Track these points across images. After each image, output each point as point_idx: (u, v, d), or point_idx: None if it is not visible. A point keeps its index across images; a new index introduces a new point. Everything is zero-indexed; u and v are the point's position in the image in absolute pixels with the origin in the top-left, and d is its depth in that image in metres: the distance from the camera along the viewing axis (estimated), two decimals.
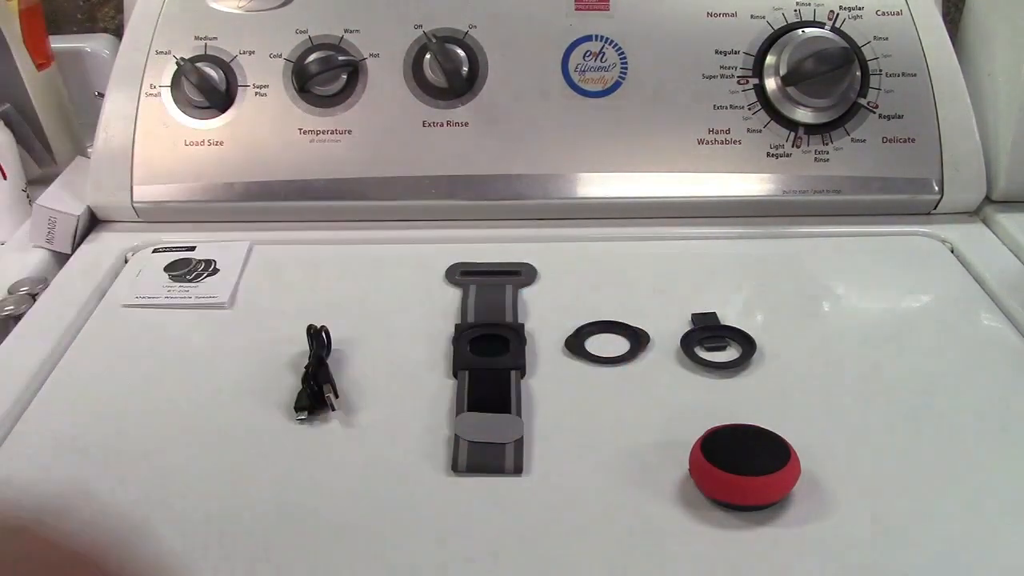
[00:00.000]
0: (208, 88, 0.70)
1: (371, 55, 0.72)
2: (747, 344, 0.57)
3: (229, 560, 0.43)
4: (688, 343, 0.57)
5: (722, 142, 0.71)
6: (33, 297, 0.64)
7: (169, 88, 0.72)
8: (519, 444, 0.49)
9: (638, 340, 0.58)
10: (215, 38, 0.72)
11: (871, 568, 0.43)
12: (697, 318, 0.60)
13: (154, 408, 0.53)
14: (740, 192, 0.72)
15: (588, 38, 0.73)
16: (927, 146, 0.72)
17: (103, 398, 0.54)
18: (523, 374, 0.55)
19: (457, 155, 0.71)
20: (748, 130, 0.71)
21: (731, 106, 0.72)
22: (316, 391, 0.52)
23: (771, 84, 0.72)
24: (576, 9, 0.73)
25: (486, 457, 0.48)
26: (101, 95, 0.73)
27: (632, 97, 0.72)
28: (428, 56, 0.71)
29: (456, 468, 0.48)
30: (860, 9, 0.73)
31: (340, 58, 0.71)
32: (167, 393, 0.55)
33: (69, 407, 0.54)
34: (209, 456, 0.50)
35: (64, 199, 0.71)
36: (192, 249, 0.68)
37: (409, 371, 0.56)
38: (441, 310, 0.62)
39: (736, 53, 0.73)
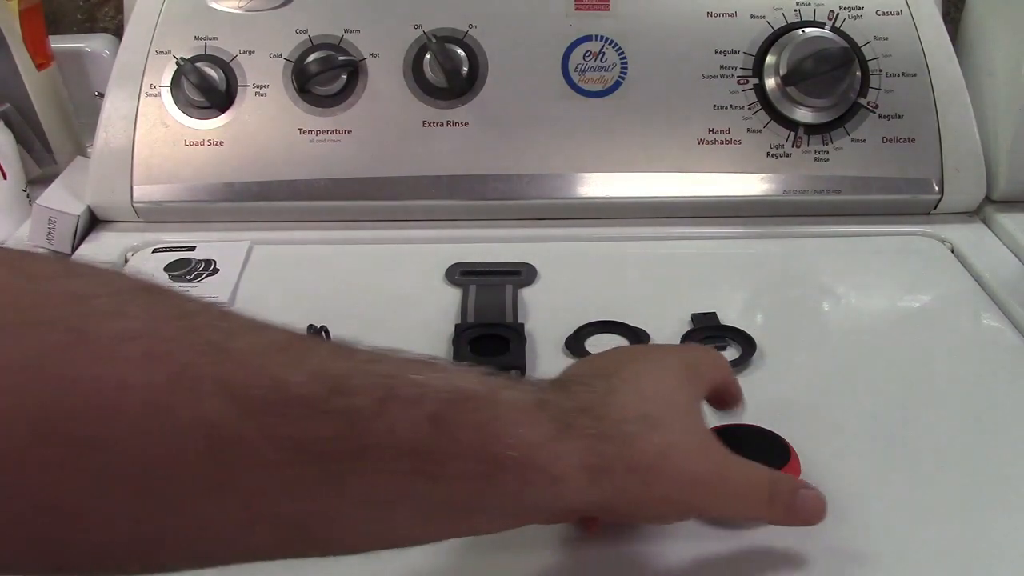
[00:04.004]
0: (208, 88, 0.70)
1: (371, 55, 0.72)
2: (747, 344, 0.57)
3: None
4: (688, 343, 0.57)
5: (722, 142, 0.71)
6: None
7: (169, 88, 0.72)
8: None
9: (638, 340, 0.58)
10: (215, 38, 0.72)
11: (870, 568, 0.43)
12: (697, 318, 0.60)
13: None
14: (740, 192, 0.72)
15: (588, 38, 0.73)
16: (927, 146, 0.72)
17: None
18: (523, 374, 0.55)
19: (457, 155, 0.71)
20: (748, 130, 0.71)
21: (731, 106, 0.72)
22: None
23: (771, 84, 0.72)
24: (576, 9, 0.73)
25: None
26: (101, 95, 0.73)
27: (632, 97, 0.72)
28: (428, 56, 0.71)
29: None
30: (860, 9, 0.73)
31: (340, 58, 0.71)
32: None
33: None
34: None
35: (64, 199, 0.71)
36: (192, 249, 0.68)
37: None
38: (441, 310, 0.62)
39: (736, 53, 0.73)
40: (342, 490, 0.31)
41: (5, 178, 0.74)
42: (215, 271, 0.65)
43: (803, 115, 0.71)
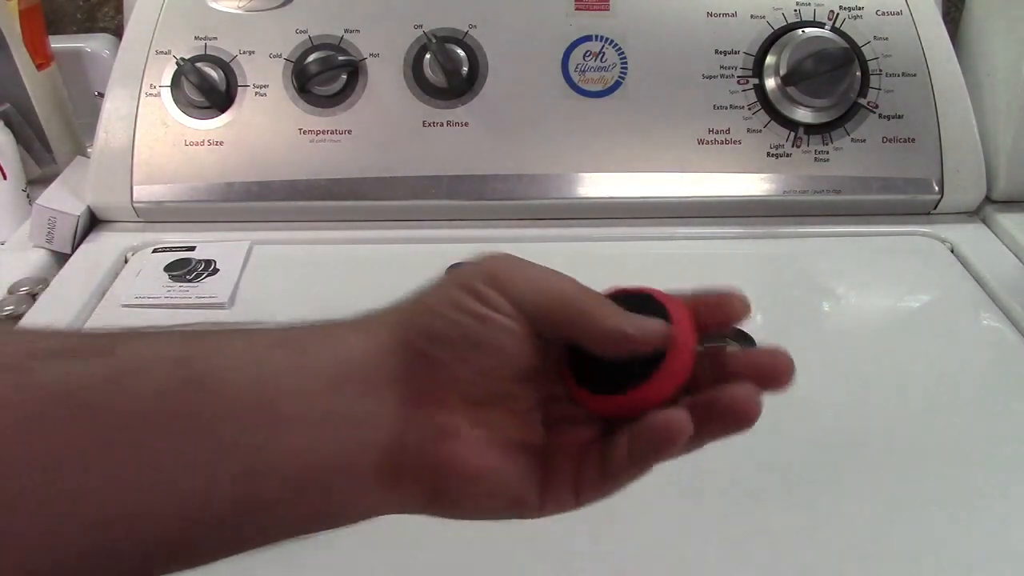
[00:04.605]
0: (208, 88, 0.70)
1: (371, 55, 0.72)
2: (747, 344, 0.57)
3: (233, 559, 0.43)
4: None
5: (722, 142, 0.71)
6: (33, 297, 0.64)
7: (169, 88, 0.72)
8: None
9: None
10: (215, 38, 0.72)
11: (870, 568, 0.43)
12: None
13: None
14: (740, 192, 0.71)
15: (588, 38, 0.73)
16: (927, 146, 0.72)
17: None
18: None
19: (457, 155, 0.71)
20: (748, 130, 0.71)
21: (731, 106, 0.72)
22: None
23: (771, 84, 0.72)
24: (576, 9, 0.73)
25: None
26: (101, 95, 0.73)
27: (632, 97, 0.72)
28: (428, 56, 0.71)
29: None
30: (860, 9, 0.73)
31: (340, 58, 0.71)
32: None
33: None
34: None
35: (64, 199, 0.71)
36: (192, 249, 0.68)
37: None
38: None
39: (736, 53, 0.73)
40: (109, 443, 0.28)
41: (5, 178, 0.74)
42: (215, 271, 0.65)
43: (803, 115, 0.71)
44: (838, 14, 0.73)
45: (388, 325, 0.33)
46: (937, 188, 0.72)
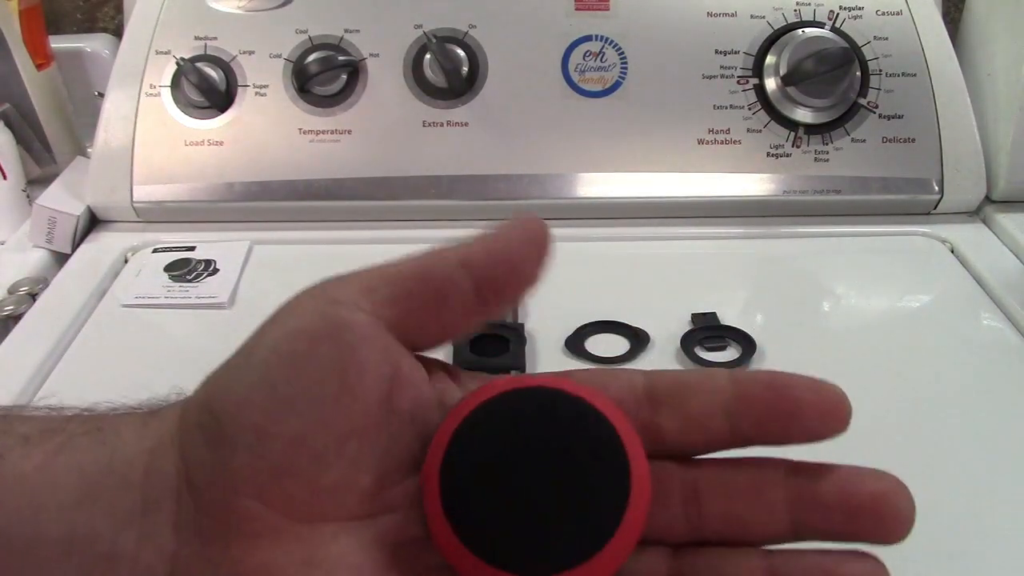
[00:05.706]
0: (208, 88, 0.70)
1: (371, 55, 0.72)
2: (747, 344, 0.57)
3: None
4: (688, 343, 0.57)
5: (722, 142, 0.71)
6: (33, 297, 0.64)
7: (169, 88, 0.72)
8: None
9: (638, 340, 0.58)
10: (215, 38, 0.72)
11: None
12: (697, 318, 0.60)
13: None
14: (740, 192, 0.72)
15: (588, 38, 0.73)
16: (927, 146, 0.72)
17: (102, 398, 0.54)
18: (523, 374, 0.55)
19: (457, 155, 0.71)
20: (748, 130, 0.71)
21: (731, 106, 0.72)
22: None
23: (771, 84, 0.72)
24: (576, 9, 0.73)
25: None
26: (101, 95, 0.73)
27: (632, 97, 0.72)
28: (428, 56, 0.71)
29: None
30: (860, 9, 0.73)
31: (340, 58, 0.71)
32: (167, 394, 0.54)
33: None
34: None
35: (64, 199, 0.71)
36: (192, 249, 0.68)
37: None
38: None
39: (736, 53, 0.73)
40: None
41: (5, 178, 0.74)
42: (215, 271, 0.65)
43: (803, 115, 0.71)
44: (838, 14, 0.73)
45: (180, 405, 0.20)
46: (937, 188, 0.72)
